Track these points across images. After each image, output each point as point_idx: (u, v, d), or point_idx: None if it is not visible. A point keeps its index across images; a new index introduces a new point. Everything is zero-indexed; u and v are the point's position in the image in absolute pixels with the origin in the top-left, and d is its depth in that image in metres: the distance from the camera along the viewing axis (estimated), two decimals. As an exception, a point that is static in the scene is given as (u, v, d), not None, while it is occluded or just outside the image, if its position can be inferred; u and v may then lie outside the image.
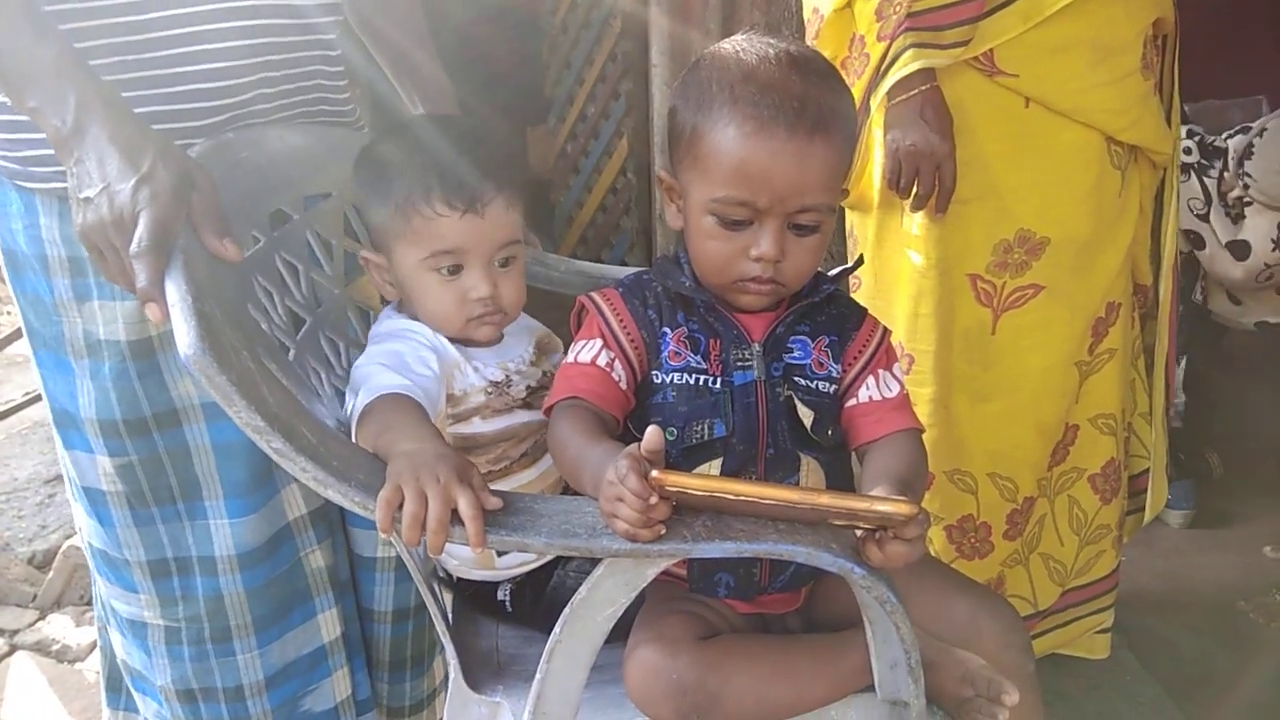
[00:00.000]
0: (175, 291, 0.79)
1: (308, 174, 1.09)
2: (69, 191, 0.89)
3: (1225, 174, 2.03)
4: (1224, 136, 2.05)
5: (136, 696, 1.22)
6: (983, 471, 1.59)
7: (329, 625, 1.19)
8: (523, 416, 1.03)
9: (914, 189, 1.44)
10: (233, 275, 0.90)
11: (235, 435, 1.06)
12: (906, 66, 1.39)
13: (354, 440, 0.90)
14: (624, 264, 3.17)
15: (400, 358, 0.99)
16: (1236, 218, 2.05)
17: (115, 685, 1.26)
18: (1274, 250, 2.02)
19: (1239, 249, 2.05)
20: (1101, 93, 1.45)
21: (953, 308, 1.51)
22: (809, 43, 1.56)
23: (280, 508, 1.13)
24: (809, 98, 0.89)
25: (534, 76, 3.45)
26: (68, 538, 2.19)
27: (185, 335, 0.76)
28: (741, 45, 0.95)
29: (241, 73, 1.03)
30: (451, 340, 1.04)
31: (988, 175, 1.45)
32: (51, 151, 0.96)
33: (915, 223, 1.49)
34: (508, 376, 1.05)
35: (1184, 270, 2.12)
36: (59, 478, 2.26)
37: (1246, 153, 1.98)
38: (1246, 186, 1.99)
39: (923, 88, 1.40)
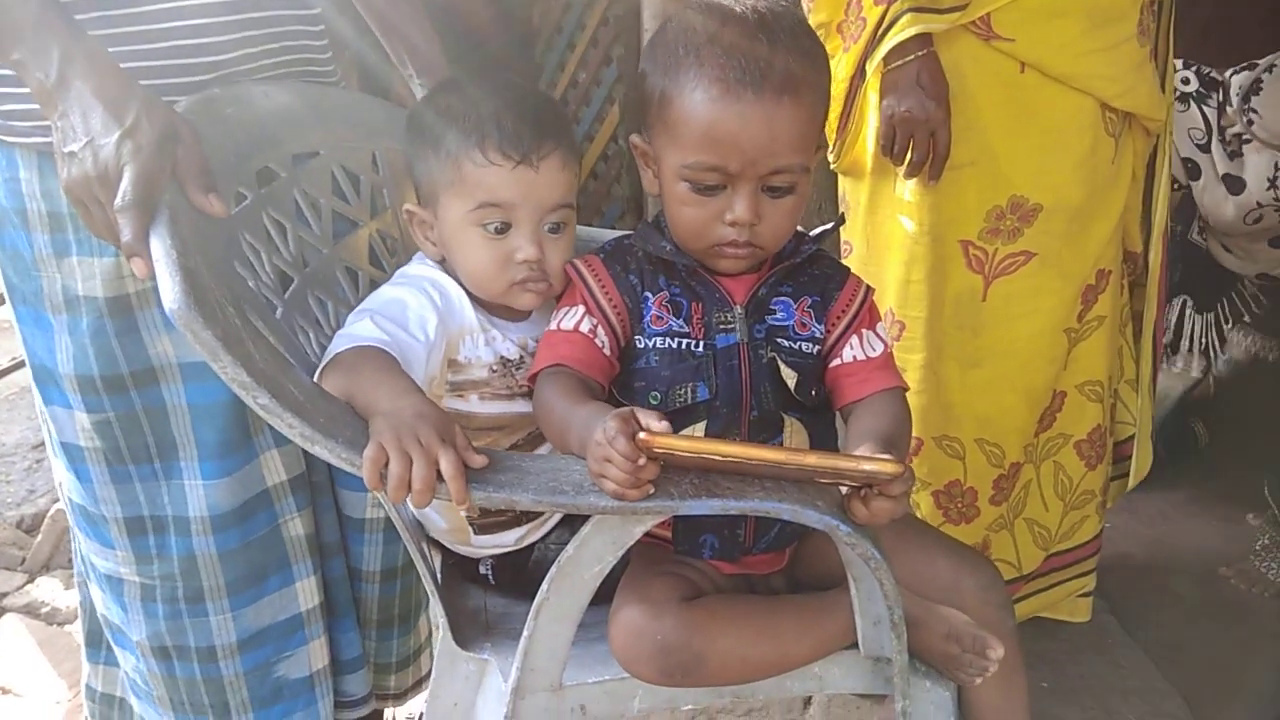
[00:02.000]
0: (160, 246, 0.79)
1: (295, 132, 1.08)
2: (54, 146, 0.88)
3: (1227, 108, 2.00)
4: (1228, 73, 2.01)
5: (116, 650, 1.23)
6: (970, 437, 1.60)
7: (307, 593, 1.19)
8: (522, 406, 1.02)
9: (908, 155, 1.43)
10: (219, 232, 0.90)
11: (212, 397, 1.07)
12: (903, 31, 1.38)
13: (317, 379, 0.89)
14: (614, 230, 3.17)
15: (400, 309, 0.97)
16: (1234, 154, 2.02)
17: (95, 640, 1.27)
18: (1268, 190, 1.99)
19: (1234, 184, 2.03)
20: (1097, 59, 1.44)
21: (944, 274, 1.51)
22: (804, 5, 1.55)
23: (258, 473, 1.13)
24: (776, 58, 0.88)
25: (525, 42, 3.41)
26: (55, 502, 2.19)
27: (170, 290, 0.75)
28: (708, 6, 0.93)
29: (224, 29, 1.02)
30: (486, 305, 1.03)
31: (983, 140, 1.45)
32: (32, 106, 0.95)
33: (908, 189, 1.48)
34: (522, 356, 1.03)
35: (1179, 209, 2.11)
36: (40, 445, 2.26)
37: (1254, 88, 1.94)
38: (1250, 123, 1.96)
39: (919, 53, 1.39)
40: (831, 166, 1.63)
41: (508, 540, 1.09)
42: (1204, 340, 2.31)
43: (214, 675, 1.16)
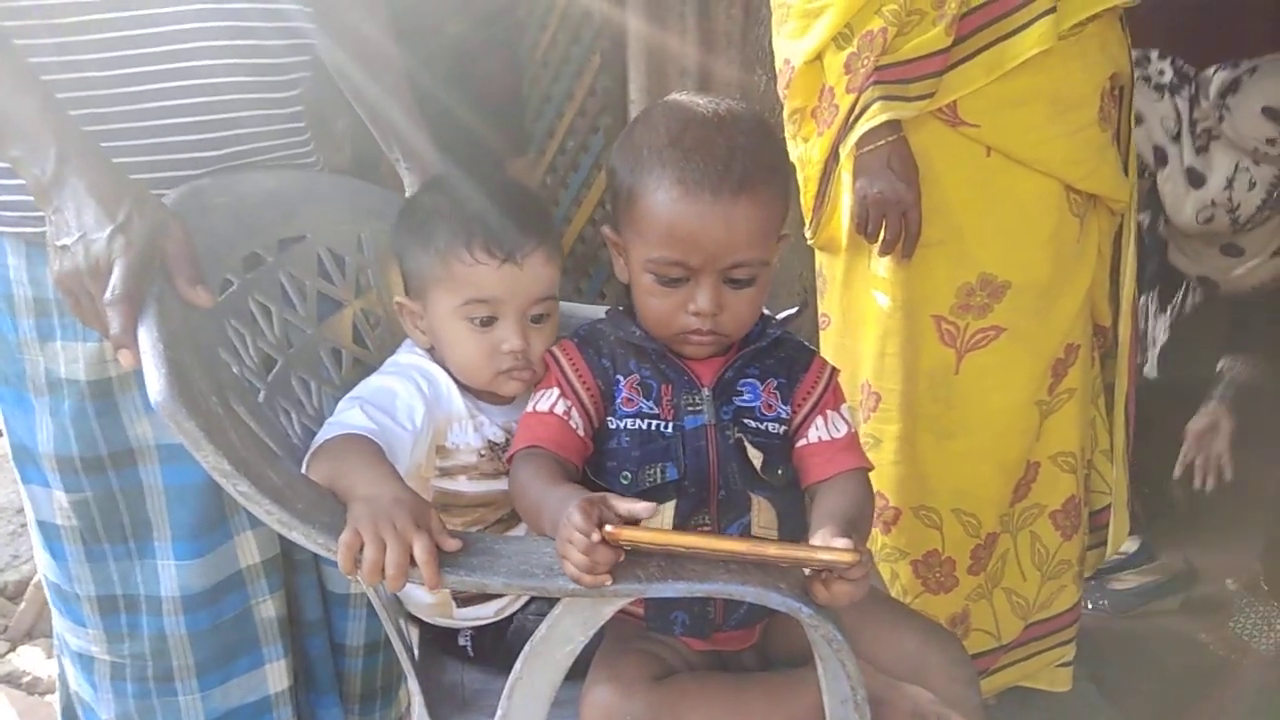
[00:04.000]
0: (147, 338, 0.82)
1: (282, 218, 1.12)
2: (47, 238, 0.92)
3: (1202, 101, 2.02)
4: (1210, 70, 2.03)
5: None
6: (947, 507, 1.62)
7: (276, 676, 1.19)
8: (506, 484, 1.04)
9: (881, 234, 1.48)
10: (205, 320, 0.93)
11: (187, 478, 1.09)
12: (874, 118, 1.44)
13: (304, 469, 0.92)
14: (602, 295, 3.21)
15: (390, 398, 1.01)
16: (1201, 149, 2.05)
17: (70, 714, 1.27)
18: (1224, 190, 2.02)
19: (1196, 178, 2.06)
20: (1060, 144, 1.49)
21: (918, 348, 1.55)
22: (780, 91, 1.61)
23: (232, 554, 1.14)
24: (734, 158, 0.93)
25: (514, 110, 3.49)
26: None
27: (156, 382, 0.78)
28: (671, 107, 0.99)
29: (215, 127, 1.06)
30: (473, 391, 1.07)
31: (951, 220, 1.50)
32: (20, 197, 1.00)
33: (882, 265, 1.53)
34: (508, 439, 1.06)
35: (1146, 197, 2.12)
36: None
37: (1233, 86, 1.97)
38: (1221, 119, 1.99)
39: (890, 138, 1.44)
40: (808, 242, 1.68)
41: (487, 612, 1.11)
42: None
43: None
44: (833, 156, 1.53)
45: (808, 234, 1.65)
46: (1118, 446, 1.74)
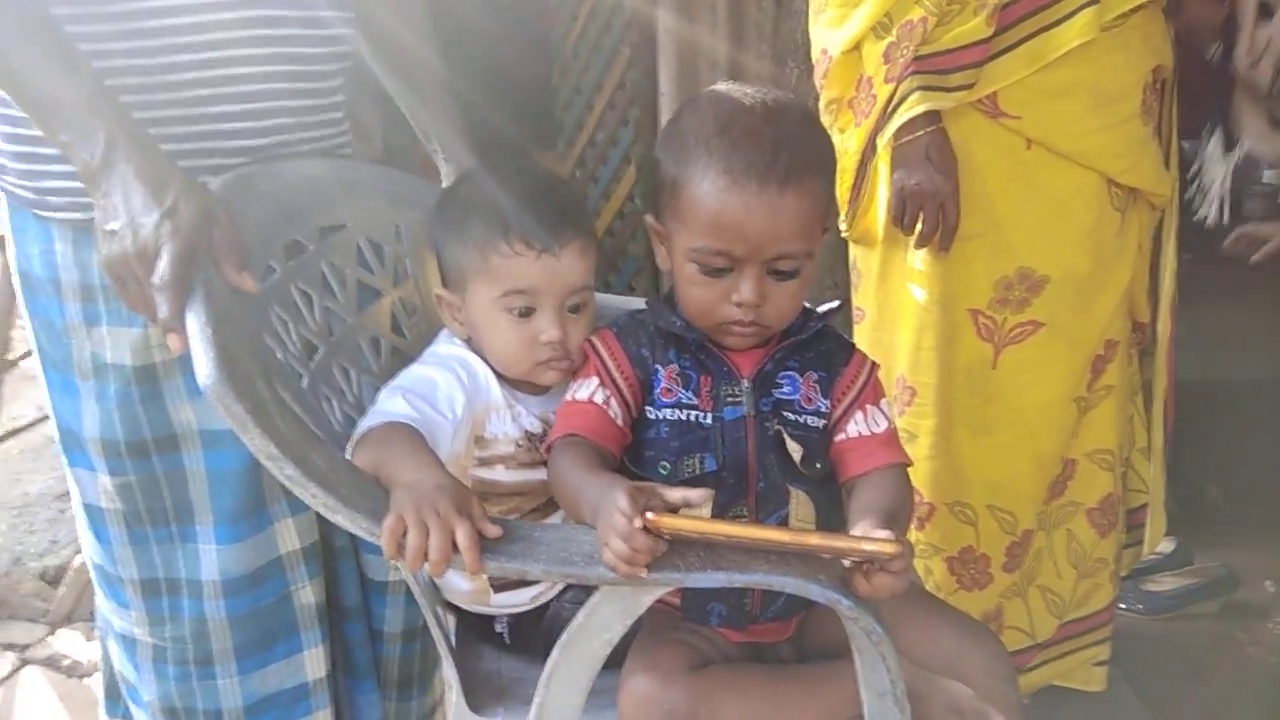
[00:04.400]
0: (195, 323, 0.83)
1: (323, 206, 1.12)
2: (95, 223, 0.93)
3: None
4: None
5: (131, 706, 1.25)
6: (982, 503, 1.61)
7: (314, 663, 1.20)
8: (544, 474, 1.04)
9: (918, 226, 1.47)
10: (250, 306, 0.94)
11: (229, 464, 1.10)
12: (913, 109, 1.43)
13: (349, 456, 0.93)
14: (630, 288, 3.21)
15: (430, 388, 1.02)
16: None
17: (114, 693, 1.29)
18: None
19: None
20: (1101, 137, 1.48)
21: (954, 342, 1.54)
22: (817, 81, 1.60)
23: (272, 540, 1.15)
24: (781, 149, 0.92)
25: (543, 101, 3.49)
26: (78, 553, 2.21)
27: (204, 366, 0.79)
28: (718, 97, 0.99)
29: (259, 115, 1.07)
30: (510, 381, 1.07)
31: (990, 213, 1.48)
32: (68, 183, 1.01)
33: (919, 258, 1.52)
34: (545, 429, 1.07)
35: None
36: (66, 494, 2.30)
37: None
38: None
39: (928, 129, 1.43)
40: (843, 235, 1.67)
41: (523, 599, 1.11)
42: None
43: None
44: (869, 148, 1.52)
45: (843, 226, 1.64)
46: (1155, 444, 1.73)
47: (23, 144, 1.04)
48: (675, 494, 0.81)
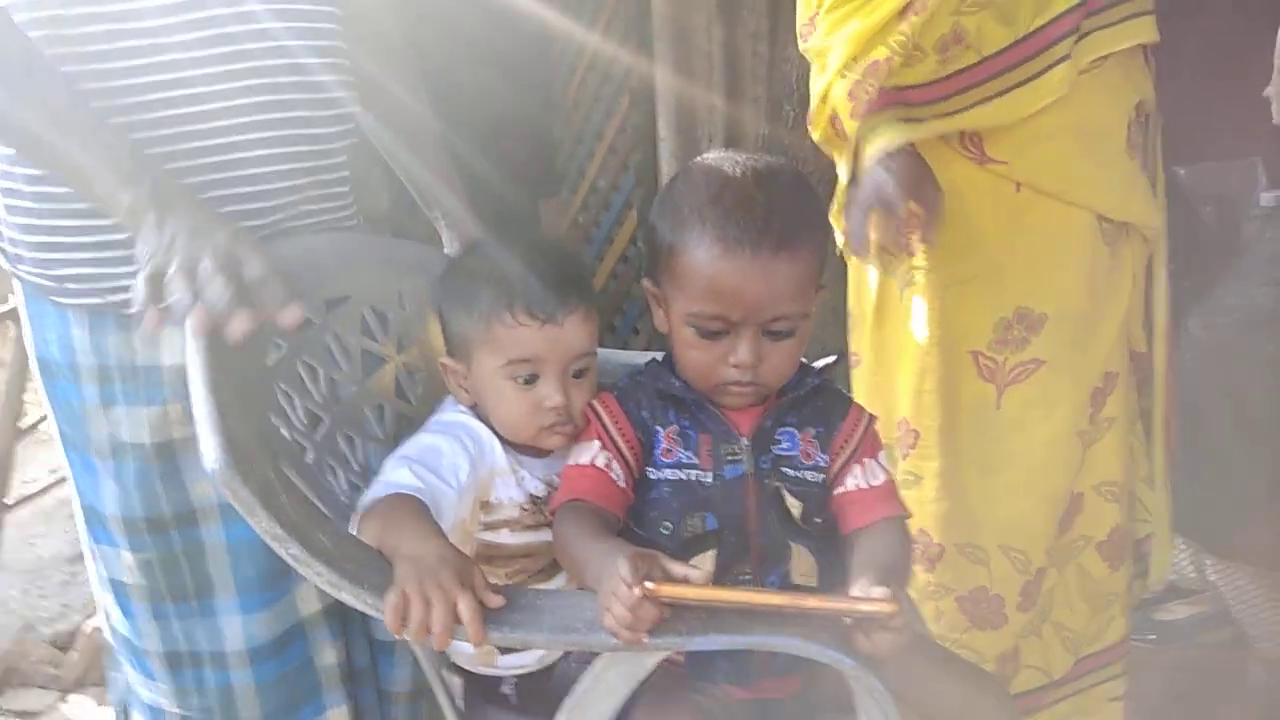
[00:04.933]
0: (201, 409, 0.85)
1: (329, 280, 1.15)
2: (140, 246, 0.93)
3: None
4: None
5: None
6: (994, 543, 1.61)
7: None
8: (548, 535, 1.06)
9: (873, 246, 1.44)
10: (256, 385, 0.96)
11: (249, 534, 1.08)
12: (886, 139, 1.42)
13: (355, 528, 0.94)
14: (635, 331, 3.24)
15: (436, 456, 1.04)
16: None
17: None
18: None
19: None
20: (1090, 175, 1.49)
21: (957, 384, 1.54)
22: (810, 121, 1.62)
23: (294, 604, 1.17)
24: (773, 216, 0.95)
25: (545, 151, 3.55)
26: (89, 617, 2.21)
27: (211, 450, 0.81)
28: (710, 165, 1.01)
29: (268, 196, 1.11)
30: (515, 446, 1.09)
31: (985, 256, 1.49)
32: (84, 270, 1.04)
33: (916, 301, 1.53)
34: (549, 492, 1.08)
35: None
36: (81, 556, 2.31)
37: None
38: None
39: (891, 151, 1.41)
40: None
41: (529, 660, 1.12)
42: None
43: None
44: (852, 183, 1.53)
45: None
46: (1158, 472, 1.72)
47: (40, 234, 1.08)
48: (677, 568, 0.82)
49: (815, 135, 1.60)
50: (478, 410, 1.11)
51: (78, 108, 0.97)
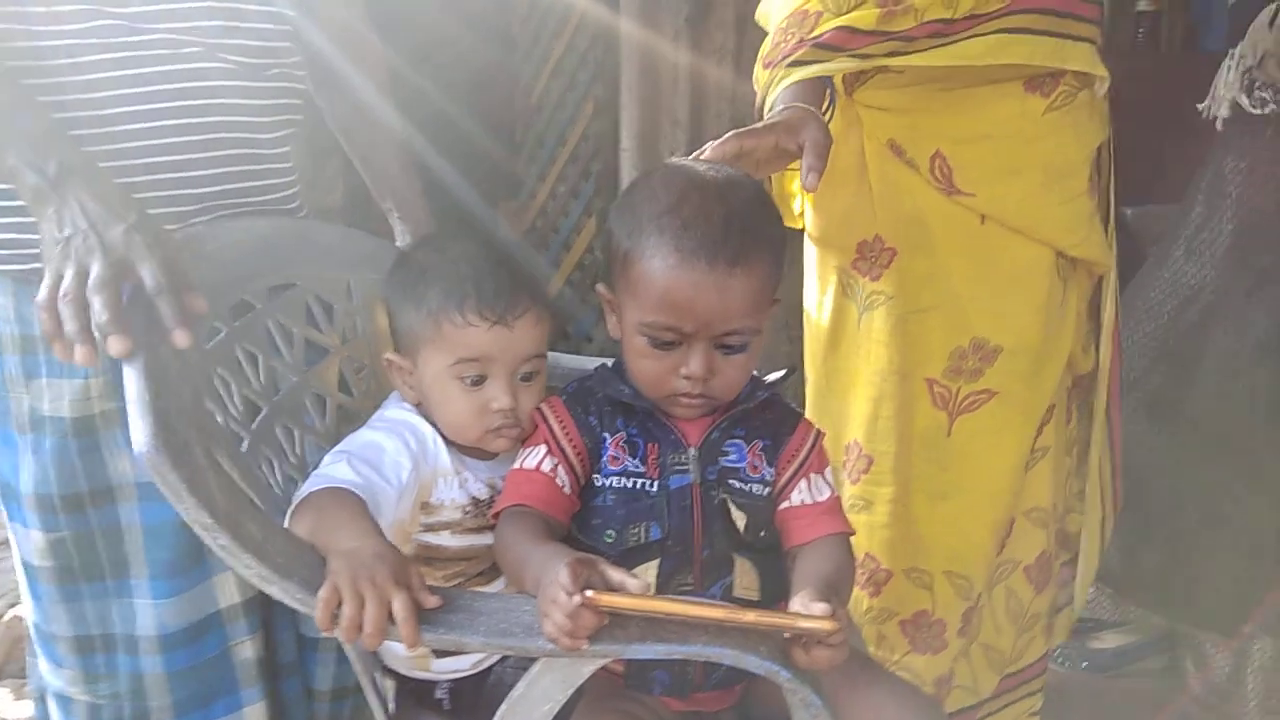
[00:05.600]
0: (134, 387, 0.82)
1: (272, 264, 1.12)
2: (42, 238, 0.89)
3: None
4: None
5: None
6: (939, 569, 1.62)
7: (254, 719, 1.19)
8: (489, 539, 1.04)
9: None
10: (192, 368, 0.93)
11: (165, 516, 1.08)
12: (784, 81, 1.36)
13: (288, 521, 0.91)
14: (588, 339, 3.23)
15: (377, 453, 1.01)
16: None
17: None
18: None
19: None
20: (1053, 212, 1.50)
21: (911, 411, 1.54)
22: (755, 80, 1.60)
23: (211, 594, 1.14)
24: (731, 229, 0.94)
25: (506, 153, 3.53)
26: (12, 606, 2.14)
27: (141, 433, 0.78)
28: (671, 173, 1.00)
29: (200, 165, 1.08)
30: (459, 447, 1.07)
31: (946, 285, 1.50)
32: (9, 236, 1.01)
33: (876, 326, 1.54)
34: (492, 495, 1.07)
35: None
36: (4, 543, 2.23)
37: None
38: None
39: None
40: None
41: (464, 664, 1.10)
42: None
43: None
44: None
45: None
46: (1091, 492, 1.74)
47: None
48: (615, 575, 0.81)
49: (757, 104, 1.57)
50: (422, 409, 1.09)
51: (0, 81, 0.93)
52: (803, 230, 1.63)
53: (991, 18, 1.40)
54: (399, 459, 1.01)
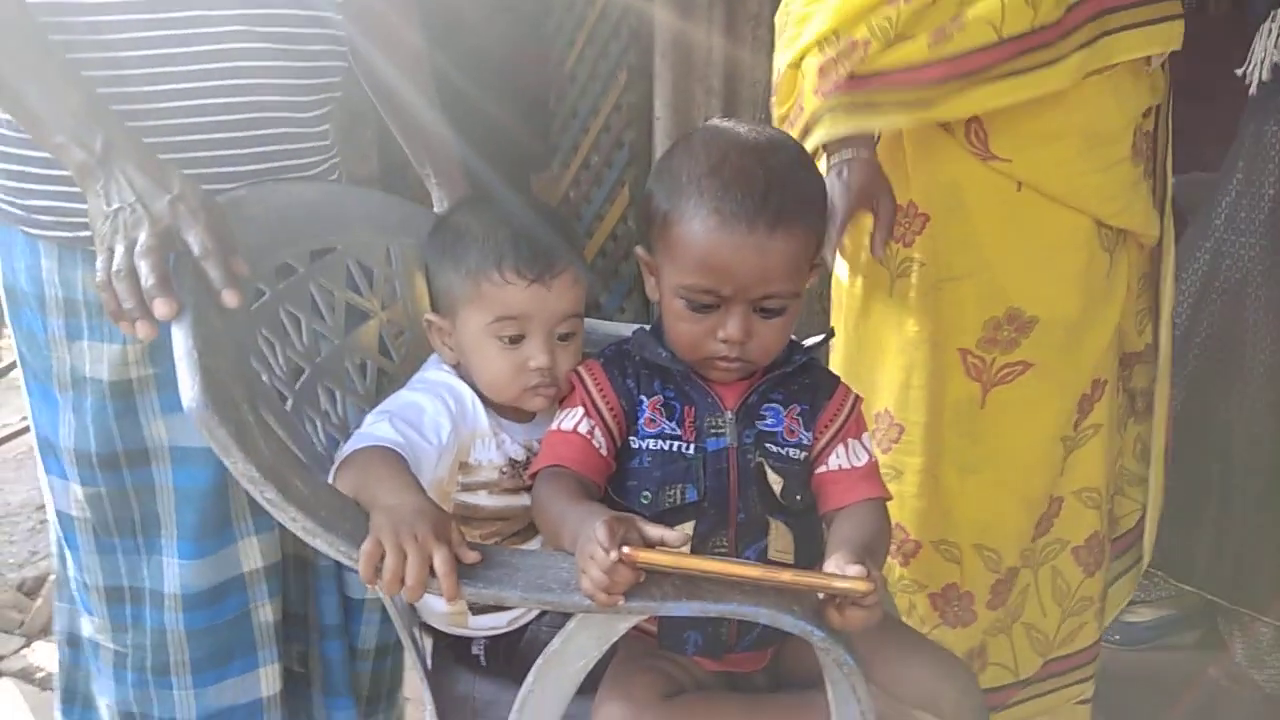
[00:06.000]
0: (182, 345, 0.83)
1: (315, 230, 1.13)
2: (90, 213, 0.92)
3: None
4: None
5: (99, 704, 1.26)
6: (968, 542, 1.61)
7: (269, 680, 1.22)
8: (526, 500, 1.06)
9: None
10: (237, 328, 0.95)
11: (196, 481, 1.12)
12: (831, 129, 1.39)
13: (331, 479, 0.93)
14: (621, 310, 3.23)
15: (417, 414, 1.03)
16: None
17: (70, 697, 1.30)
18: None
19: None
20: (1092, 179, 1.48)
21: (944, 381, 1.53)
22: (771, 104, 1.60)
23: (235, 558, 1.17)
24: (771, 191, 0.93)
25: (540, 123, 3.53)
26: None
27: (189, 389, 0.80)
28: (712, 134, 1.00)
29: (237, 145, 1.09)
30: (497, 408, 1.08)
31: (980, 254, 1.48)
32: (56, 204, 1.03)
33: (908, 296, 1.53)
34: (528, 457, 1.08)
35: None
36: (40, 506, 2.29)
37: None
38: None
39: (849, 157, 1.40)
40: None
41: (501, 622, 1.12)
42: None
43: None
44: None
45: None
46: (1155, 463, 1.72)
47: (12, 163, 1.06)
48: (653, 531, 0.82)
49: (777, 111, 1.56)
50: (461, 371, 1.10)
51: (45, 57, 0.95)
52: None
53: (1073, 29, 1.37)
54: (439, 419, 1.03)
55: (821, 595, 0.85)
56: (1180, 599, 2.14)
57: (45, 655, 2.02)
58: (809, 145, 1.41)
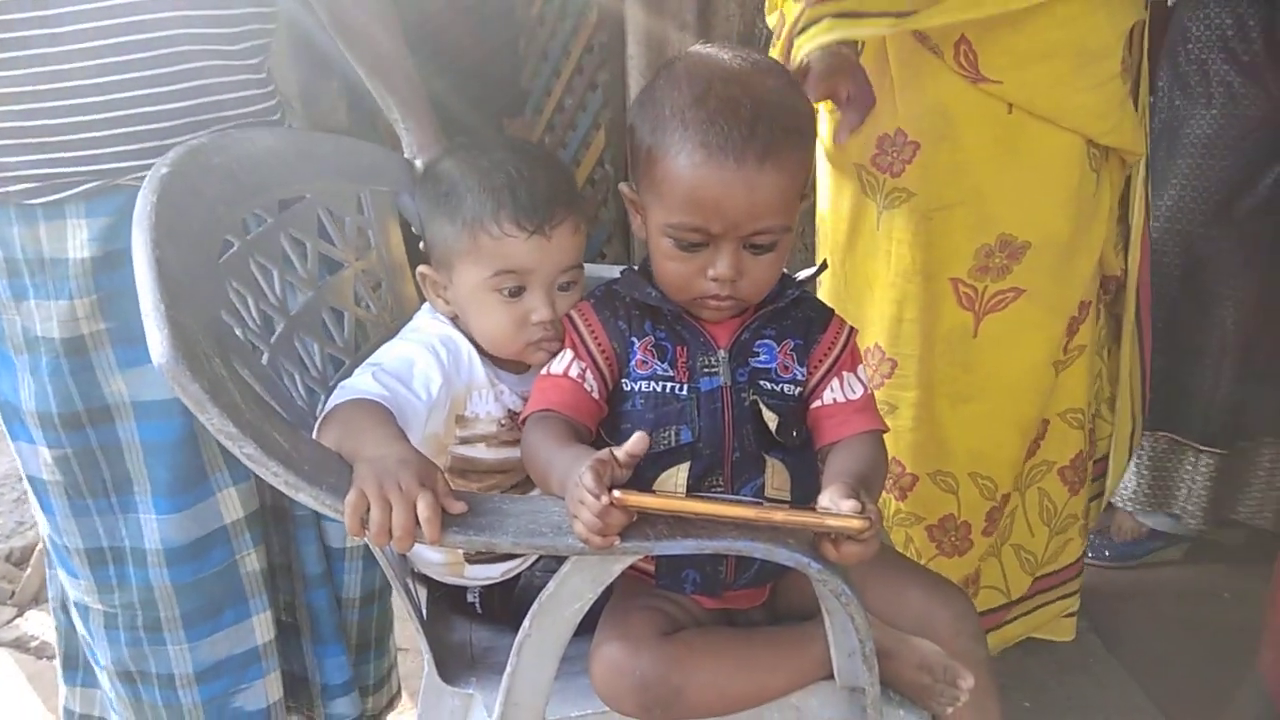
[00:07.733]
0: (148, 300, 0.80)
1: (282, 178, 1.10)
2: None
3: None
4: None
5: (96, 670, 1.27)
6: (964, 471, 1.61)
7: (263, 627, 1.22)
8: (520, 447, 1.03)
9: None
10: (207, 281, 0.92)
11: (164, 435, 1.10)
12: (822, 35, 1.36)
13: (315, 434, 0.91)
14: (601, 255, 3.19)
15: (407, 367, 1.00)
16: None
17: (71, 662, 1.31)
18: None
19: None
20: (1084, 98, 1.44)
21: (936, 312, 1.52)
22: (768, 17, 1.56)
23: (215, 510, 1.16)
24: (759, 121, 0.89)
25: (510, 68, 3.45)
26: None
27: (158, 344, 0.77)
28: (694, 62, 0.95)
29: (164, 99, 1.06)
30: (493, 360, 1.06)
31: (971, 180, 1.45)
32: None
33: (896, 228, 1.50)
34: None
35: None
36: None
37: None
38: None
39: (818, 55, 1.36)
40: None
41: (495, 572, 1.11)
42: None
43: (174, 702, 1.20)
44: None
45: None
46: (1123, 388, 1.72)
47: None
48: (620, 453, 0.80)
49: (769, 20, 1.53)
50: (458, 321, 1.07)
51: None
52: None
53: None
54: (429, 373, 1.00)
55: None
56: (1164, 519, 2.16)
57: (38, 624, 2.02)
58: (795, 56, 1.38)
